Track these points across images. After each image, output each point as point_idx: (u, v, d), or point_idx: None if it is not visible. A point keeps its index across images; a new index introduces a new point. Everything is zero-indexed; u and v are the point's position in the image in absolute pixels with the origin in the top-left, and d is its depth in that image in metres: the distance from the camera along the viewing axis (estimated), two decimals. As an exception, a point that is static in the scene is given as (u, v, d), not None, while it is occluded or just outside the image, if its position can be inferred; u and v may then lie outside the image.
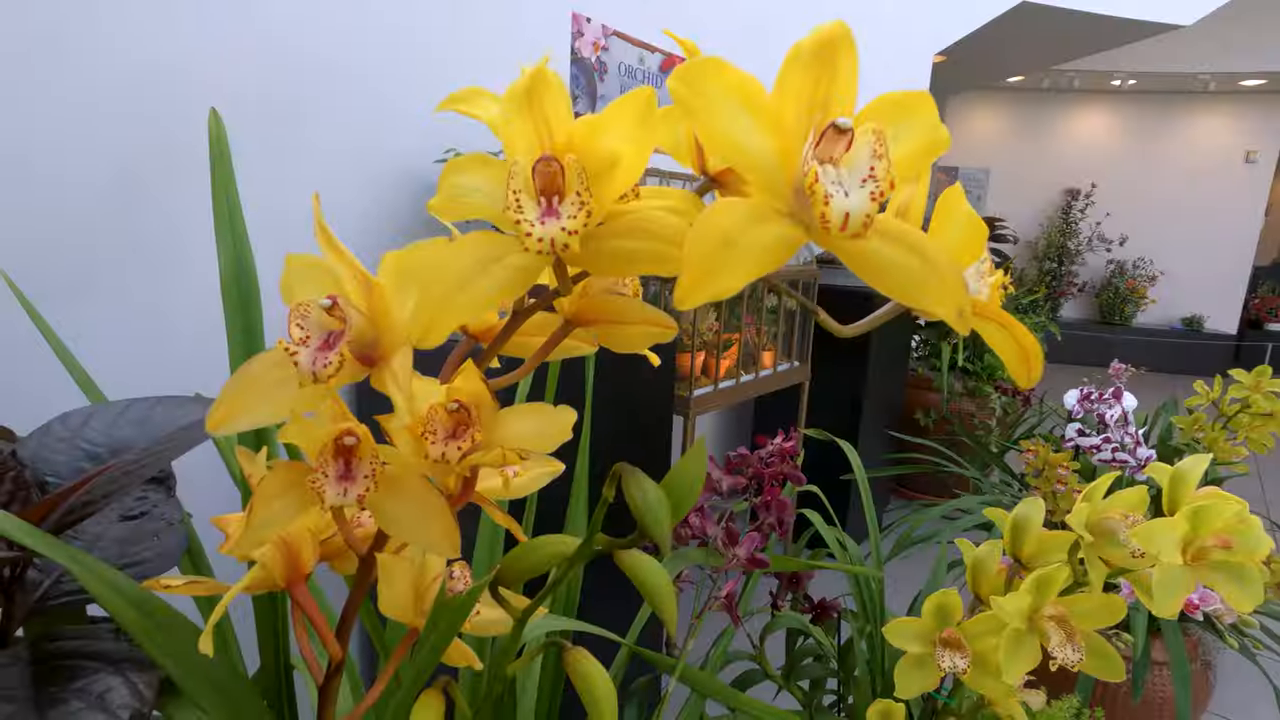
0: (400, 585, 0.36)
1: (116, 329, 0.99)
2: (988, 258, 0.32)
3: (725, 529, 0.61)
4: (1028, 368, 0.28)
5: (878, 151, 0.22)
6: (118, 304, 0.99)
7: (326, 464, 0.30)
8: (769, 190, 0.24)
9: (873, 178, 0.22)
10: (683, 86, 0.23)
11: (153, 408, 0.45)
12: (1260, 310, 6.45)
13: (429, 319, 0.25)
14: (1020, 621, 0.62)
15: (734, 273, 0.22)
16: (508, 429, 0.35)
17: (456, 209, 0.27)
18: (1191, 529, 0.57)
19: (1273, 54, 5.30)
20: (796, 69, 0.25)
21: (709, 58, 0.24)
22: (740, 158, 0.24)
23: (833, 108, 0.25)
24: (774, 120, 0.24)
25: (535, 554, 0.31)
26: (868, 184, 0.22)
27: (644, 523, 0.25)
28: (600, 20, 1.90)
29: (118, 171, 0.96)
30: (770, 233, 0.23)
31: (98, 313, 0.97)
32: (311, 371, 0.27)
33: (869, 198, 0.22)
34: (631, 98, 0.25)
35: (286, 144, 1.15)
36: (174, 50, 0.99)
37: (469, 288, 0.25)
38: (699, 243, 0.22)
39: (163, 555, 0.45)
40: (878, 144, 0.22)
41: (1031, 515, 0.69)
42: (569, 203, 0.25)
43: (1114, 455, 1.45)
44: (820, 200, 0.22)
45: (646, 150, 0.26)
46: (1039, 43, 4.12)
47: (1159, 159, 6.27)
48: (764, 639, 1.01)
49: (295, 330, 0.28)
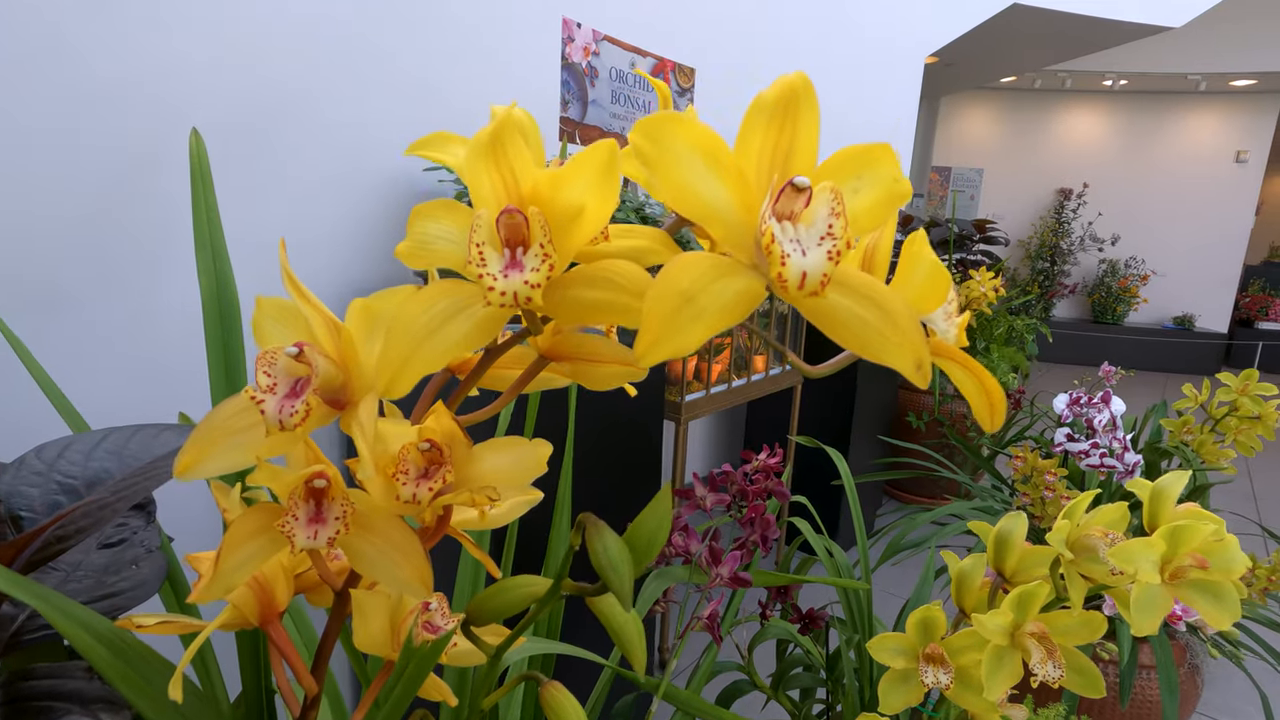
0: (375, 621, 0.36)
1: (96, 346, 0.99)
2: (954, 298, 0.32)
3: (709, 547, 0.61)
4: (990, 411, 0.28)
5: (835, 210, 0.23)
6: (97, 321, 0.99)
7: (297, 507, 0.30)
8: (732, 243, 0.25)
9: (830, 235, 0.22)
10: (644, 141, 0.24)
11: (130, 437, 0.45)
12: (1251, 309, 6.50)
13: (394, 372, 0.25)
14: (1002, 639, 0.63)
15: (694, 330, 0.23)
16: (481, 465, 0.35)
17: (424, 257, 0.27)
18: (1169, 548, 0.57)
19: (1262, 55, 5.33)
20: (759, 121, 0.25)
21: (670, 113, 0.24)
22: (702, 211, 0.24)
23: (795, 158, 0.25)
24: (736, 174, 0.24)
25: (505, 596, 0.31)
26: (825, 242, 0.22)
27: (605, 578, 0.25)
28: (591, 25, 1.90)
29: (94, 191, 0.96)
30: (732, 288, 0.24)
31: (76, 330, 0.97)
32: (278, 420, 0.27)
33: (826, 257, 0.22)
34: (594, 151, 0.25)
35: (270, 153, 1.14)
36: (151, 68, 0.99)
37: (433, 339, 0.25)
38: (658, 301, 0.22)
39: (141, 585, 0.45)
40: (835, 202, 0.22)
41: (1014, 530, 0.69)
42: (532, 254, 0.25)
43: (1102, 461, 1.46)
44: (777, 261, 0.22)
45: (610, 201, 0.26)
46: (1031, 44, 4.13)
47: (1150, 159, 6.30)
48: (752, 649, 1.01)
49: (262, 378, 0.28)
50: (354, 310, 0.28)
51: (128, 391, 1.01)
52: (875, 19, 2.88)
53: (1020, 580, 0.70)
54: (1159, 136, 6.26)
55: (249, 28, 1.08)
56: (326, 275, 1.25)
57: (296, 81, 1.16)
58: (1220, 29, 5.20)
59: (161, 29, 0.98)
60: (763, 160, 0.25)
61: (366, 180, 1.30)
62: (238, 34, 1.07)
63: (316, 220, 1.22)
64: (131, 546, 0.49)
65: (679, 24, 2.07)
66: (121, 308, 1.00)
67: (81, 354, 0.97)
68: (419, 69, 1.35)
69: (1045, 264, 6.41)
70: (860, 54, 2.85)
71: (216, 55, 1.05)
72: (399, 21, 1.30)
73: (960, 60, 4.47)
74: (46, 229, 0.92)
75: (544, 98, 1.75)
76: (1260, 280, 6.92)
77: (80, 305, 0.96)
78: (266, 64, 1.11)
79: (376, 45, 1.27)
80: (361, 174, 1.28)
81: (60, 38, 0.90)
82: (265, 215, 1.14)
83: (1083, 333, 6.15)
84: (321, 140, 1.21)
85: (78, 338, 0.96)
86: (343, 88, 1.22)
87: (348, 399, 0.30)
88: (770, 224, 0.22)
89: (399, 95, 1.32)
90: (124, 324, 1.00)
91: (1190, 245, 6.31)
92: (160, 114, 1.00)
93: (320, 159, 1.21)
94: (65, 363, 0.94)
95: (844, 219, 0.22)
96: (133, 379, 1.02)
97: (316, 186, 1.21)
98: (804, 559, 1.12)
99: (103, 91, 0.94)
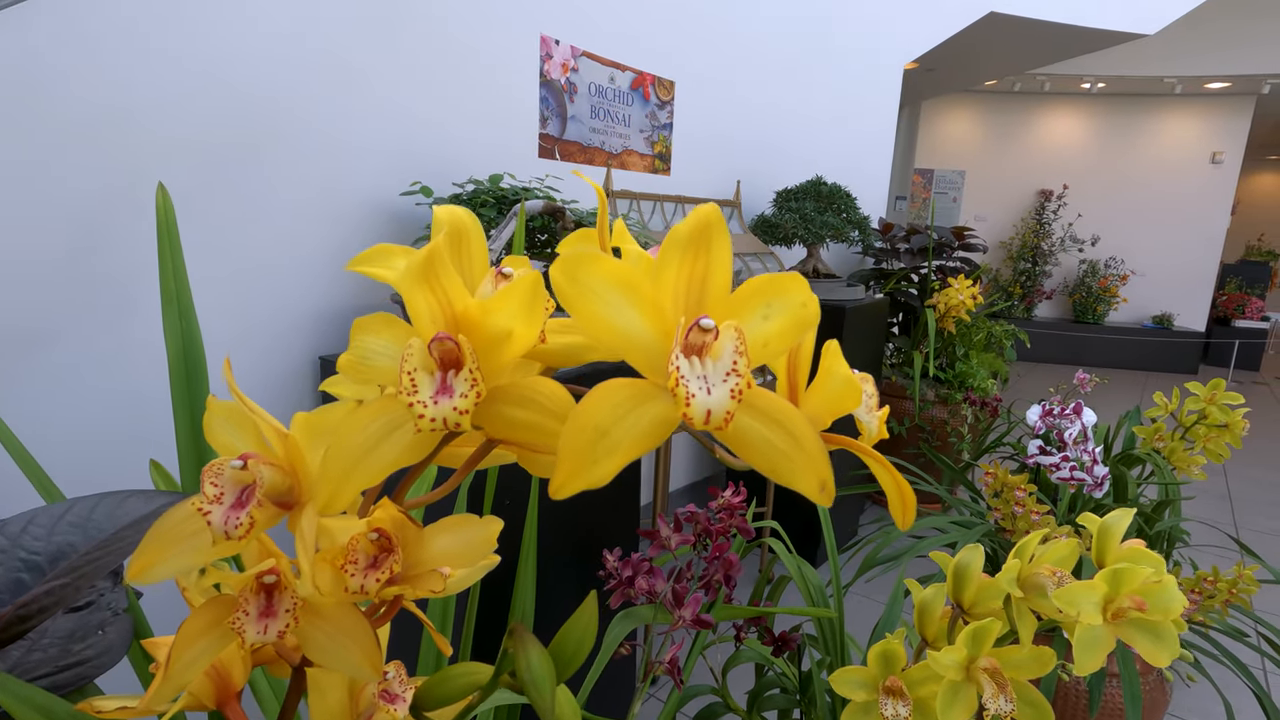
0: (332, 696, 0.37)
1: (71, 381, 0.99)
2: (874, 393, 0.34)
3: (672, 589, 0.63)
4: (903, 508, 0.30)
5: (739, 348, 0.24)
6: (70, 359, 0.99)
7: (248, 602, 0.31)
8: (651, 369, 0.26)
9: (735, 372, 0.24)
10: (563, 280, 0.25)
11: (94, 507, 0.46)
12: (1228, 307, 6.61)
13: (332, 490, 0.27)
14: (957, 674, 0.65)
15: (608, 463, 0.24)
16: (432, 548, 0.36)
17: (363, 373, 0.28)
18: (1111, 589, 0.60)
19: (1236, 58, 5.42)
20: (674, 253, 0.26)
21: (586, 252, 0.25)
22: (621, 344, 0.26)
23: (710, 285, 0.27)
24: (652, 305, 0.26)
25: (450, 684, 0.32)
26: (730, 379, 0.24)
27: (528, 694, 0.27)
28: (570, 42, 1.91)
29: (67, 226, 0.96)
30: (647, 417, 0.25)
31: (50, 367, 0.97)
32: (224, 531, 0.28)
33: (729, 395, 0.24)
34: (520, 283, 0.26)
35: (250, 178, 1.15)
36: (128, 96, 0.99)
37: (368, 459, 0.27)
38: (573, 437, 0.24)
39: (108, 651, 0.46)
40: (739, 341, 0.24)
41: (971, 563, 0.72)
42: (462, 379, 0.26)
43: (1072, 474, 1.49)
44: (682, 402, 0.23)
45: (536, 325, 0.27)
46: (1009, 51, 4.18)
47: (1128, 160, 6.39)
48: (726, 672, 1.03)
49: (209, 488, 0.29)
50: (297, 423, 0.29)
51: (100, 426, 1.02)
52: (854, 28, 2.91)
53: (978, 611, 0.72)
54: (1137, 138, 6.35)
55: (228, 54, 1.08)
56: (308, 299, 1.25)
57: (275, 105, 1.16)
58: (1194, 33, 5.29)
59: (138, 57, 0.99)
60: (679, 289, 0.26)
61: (346, 204, 1.30)
62: (216, 61, 1.07)
63: (296, 244, 1.23)
64: (98, 610, 0.50)
65: (658, 37, 2.08)
66: (96, 343, 1.00)
67: (56, 389, 0.97)
68: (396, 91, 1.35)
69: (1027, 265, 6.49)
70: (840, 63, 2.88)
71: (192, 82, 1.05)
72: (375, 44, 1.31)
73: (940, 66, 4.51)
74: (18, 266, 0.92)
75: (523, 115, 1.76)
76: (1236, 279, 7.04)
77: (54, 342, 0.96)
78: (246, 89, 1.12)
79: (352, 68, 1.27)
80: (341, 197, 1.29)
81: (33, 71, 0.90)
82: (245, 240, 1.15)
83: (1064, 332, 6.23)
84: (301, 164, 1.21)
85: (53, 374, 0.96)
86: (320, 111, 1.23)
87: (295, 500, 0.31)
88: (678, 363, 0.24)
89: (376, 118, 1.33)
90: (98, 359, 1.00)
91: (1168, 245, 6.41)
92: (137, 142, 1.00)
93: (300, 183, 1.22)
94: (40, 400, 0.95)
95: (747, 356, 0.24)
96: (108, 411, 1.02)
97: (296, 210, 1.22)
98: (782, 576, 1.14)
99: (76, 127, 0.94)
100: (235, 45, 1.10)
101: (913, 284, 3.03)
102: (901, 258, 2.93)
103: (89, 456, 1.00)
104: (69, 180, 0.95)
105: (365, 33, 1.28)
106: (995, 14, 3.40)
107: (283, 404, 1.22)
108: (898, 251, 2.94)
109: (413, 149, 1.41)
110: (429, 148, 1.46)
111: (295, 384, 1.24)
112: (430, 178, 1.46)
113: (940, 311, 2.82)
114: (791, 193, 2.46)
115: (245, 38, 1.11)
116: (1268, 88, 5.76)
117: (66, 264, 0.96)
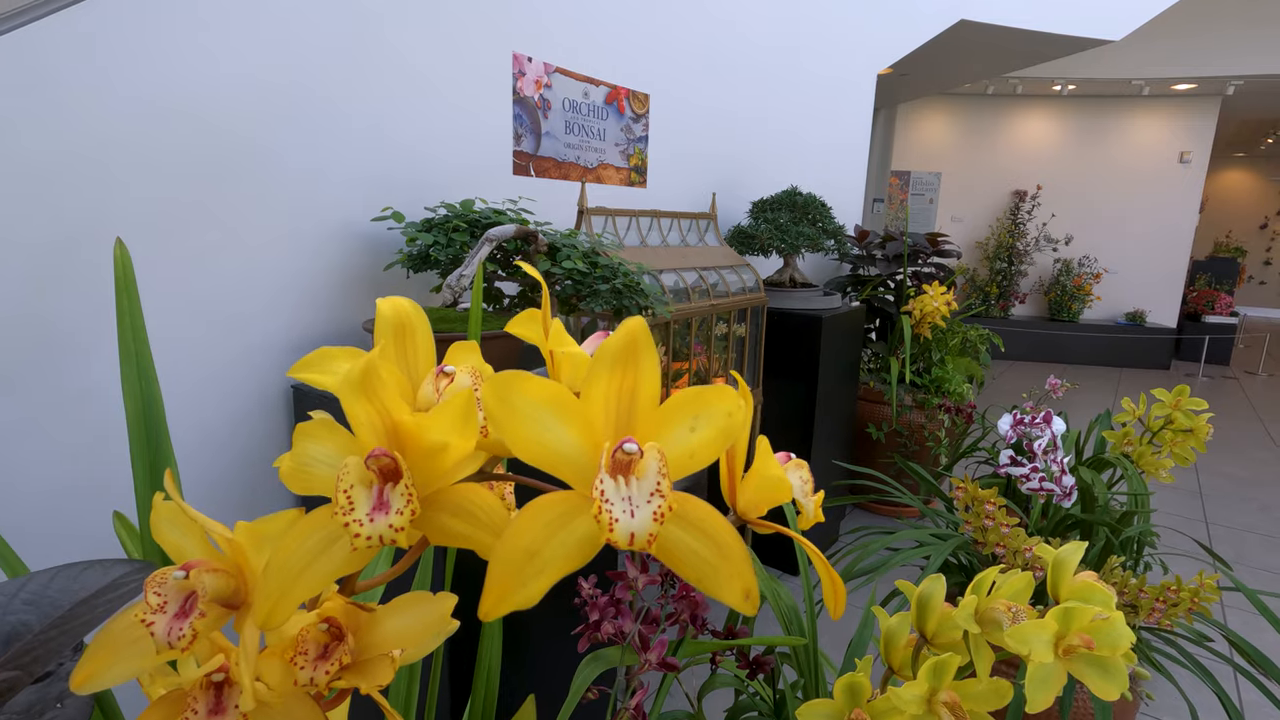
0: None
1: (29, 428, 0.98)
2: (809, 479, 0.35)
3: (639, 633, 0.63)
4: (835, 598, 0.31)
5: (662, 469, 0.25)
6: (30, 402, 0.98)
7: (197, 700, 0.32)
8: (581, 482, 0.27)
9: (659, 493, 0.25)
10: (493, 401, 0.26)
11: (48, 584, 0.45)
12: (1198, 303, 6.75)
13: (272, 605, 0.27)
14: (918, 707, 0.66)
15: (537, 583, 0.25)
16: (384, 631, 0.37)
17: (304, 481, 0.29)
18: (1061, 626, 0.61)
19: (1201, 60, 5.54)
20: (603, 369, 0.27)
21: (516, 373, 0.26)
22: (552, 460, 0.26)
23: (639, 398, 0.28)
24: (582, 420, 0.27)
25: (399, 775, 0.33)
26: (654, 499, 0.25)
27: None
28: (542, 59, 1.91)
29: (22, 276, 0.95)
30: (576, 534, 0.26)
31: (8, 412, 0.96)
32: (167, 641, 0.29)
33: (652, 517, 0.25)
34: (454, 400, 0.27)
35: (219, 205, 1.14)
36: (102, 120, 0.98)
37: (306, 574, 0.27)
38: (501, 563, 0.24)
39: (65, 726, 0.46)
40: (662, 465, 0.25)
41: (934, 594, 0.73)
42: (398, 494, 0.27)
43: (1041, 485, 1.52)
44: (605, 527, 0.24)
45: (470, 438, 0.28)
46: (980, 57, 4.24)
47: (1099, 161, 6.51)
48: (702, 696, 1.04)
49: (152, 597, 0.29)
50: (240, 530, 0.30)
51: (63, 477, 1.00)
52: (827, 38, 2.94)
53: (941, 641, 0.74)
54: (1107, 139, 6.47)
55: (192, 77, 1.07)
56: (279, 329, 1.25)
57: (244, 131, 1.15)
58: (1161, 38, 5.40)
59: (104, 84, 0.98)
60: (609, 402, 0.27)
61: (317, 233, 1.30)
62: (182, 84, 1.06)
63: (266, 274, 1.22)
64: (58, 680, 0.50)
65: (631, 52, 2.09)
66: (56, 388, 0.99)
67: (20, 442, 0.95)
68: (368, 113, 1.35)
69: (1003, 264, 6.59)
70: (813, 73, 2.91)
71: (159, 107, 1.04)
72: (346, 66, 1.30)
73: (914, 71, 4.57)
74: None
75: (496, 133, 1.76)
76: (1206, 275, 7.20)
77: (9, 393, 0.95)
78: (212, 113, 1.11)
79: (324, 90, 1.27)
80: (312, 222, 1.28)
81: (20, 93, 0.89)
82: (213, 272, 1.14)
83: (1040, 330, 6.33)
84: (272, 189, 1.21)
85: (13, 427, 0.95)
86: (292, 135, 1.22)
87: (241, 600, 0.31)
88: (602, 486, 0.25)
89: (349, 140, 1.32)
90: (57, 405, 0.99)
91: (1140, 243, 6.54)
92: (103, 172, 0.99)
93: (269, 212, 1.21)
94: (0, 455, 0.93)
95: (669, 480, 0.25)
96: (71, 463, 1.01)
97: (265, 241, 1.21)
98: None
99: (36, 165, 0.93)
100: (208, 73, 1.09)
101: (889, 290, 3.07)
102: (877, 264, 2.96)
103: (52, 508, 0.98)
104: (18, 229, 0.94)
105: (332, 58, 1.28)
106: (965, 21, 3.45)
107: (258, 437, 1.21)
108: (874, 258, 2.98)
109: (385, 172, 1.41)
110: (401, 170, 1.45)
111: (269, 415, 1.23)
112: (403, 200, 1.45)
113: (916, 318, 2.86)
114: (767, 203, 2.48)
115: (219, 64, 1.10)
116: (1232, 89, 5.90)
117: (20, 313, 0.95)
